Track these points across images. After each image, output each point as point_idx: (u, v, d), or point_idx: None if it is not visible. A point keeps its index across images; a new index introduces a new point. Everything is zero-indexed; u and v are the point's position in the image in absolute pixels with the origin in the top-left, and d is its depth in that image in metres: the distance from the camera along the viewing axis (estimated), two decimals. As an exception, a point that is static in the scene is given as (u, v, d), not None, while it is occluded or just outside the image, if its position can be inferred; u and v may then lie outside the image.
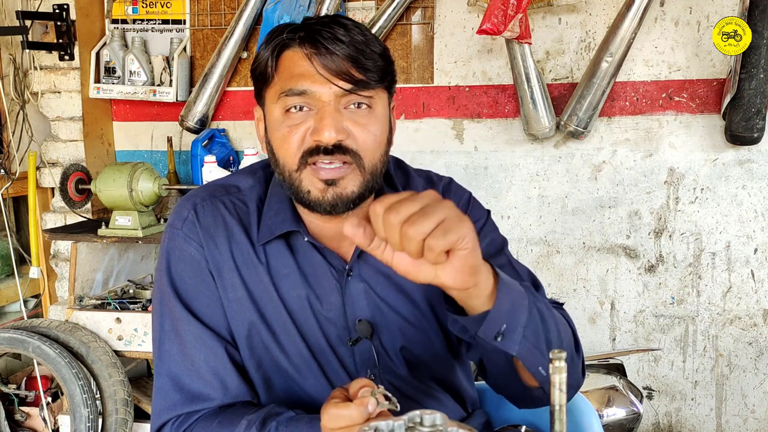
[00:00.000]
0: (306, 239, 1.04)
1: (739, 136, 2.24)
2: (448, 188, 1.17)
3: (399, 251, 0.75)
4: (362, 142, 0.97)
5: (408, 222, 0.72)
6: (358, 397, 0.82)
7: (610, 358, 2.37)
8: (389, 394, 0.82)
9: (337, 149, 0.95)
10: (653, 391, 2.52)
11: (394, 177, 1.13)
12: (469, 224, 0.76)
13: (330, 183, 0.96)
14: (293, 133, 0.96)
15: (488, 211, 1.18)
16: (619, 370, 2.32)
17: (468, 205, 1.15)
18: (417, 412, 0.64)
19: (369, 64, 0.96)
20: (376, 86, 0.98)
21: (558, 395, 0.64)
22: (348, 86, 0.95)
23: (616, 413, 2.15)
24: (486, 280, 0.82)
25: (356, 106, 0.97)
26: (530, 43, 2.27)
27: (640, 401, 2.19)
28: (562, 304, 1.10)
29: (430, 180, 1.17)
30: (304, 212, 1.05)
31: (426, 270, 0.77)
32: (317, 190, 0.97)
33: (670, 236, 2.44)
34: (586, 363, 2.42)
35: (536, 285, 1.10)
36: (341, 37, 0.95)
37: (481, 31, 2.15)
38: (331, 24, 0.96)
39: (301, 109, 0.97)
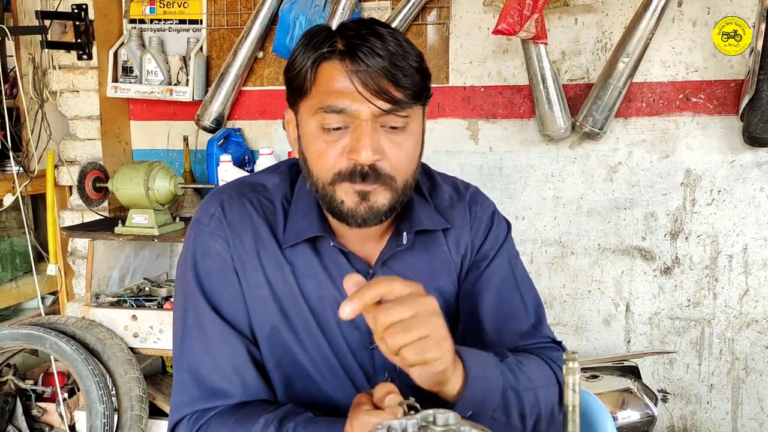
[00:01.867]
0: (332, 243, 1.04)
1: (757, 137, 2.21)
2: (474, 199, 1.16)
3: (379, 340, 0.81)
4: (396, 163, 0.97)
5: (391, 329, 0.78)
6: (384, 404, 0.83)
7: (624, 360, 2.35)
8: (417, 405, 0.83)
9: (372, 171, 0.95)
10: (668, 394, 2.50)
11: (420, 183, 1.12)
12: (448, 346, 0.83)
13: (363, 197, 0.96)
14: (330, 150, 0.96)
15: (509, 226, 1.18)
16: (633, 372, 2.31)
17: (492, 220, 1.15)
18: (430, 411, 0.64)
19: (406, 81, 0.94)
20: (414, 104, 0.97)
21: (571, 396, 0.64)
22: (387, 107, 0.94)
23: (631, 416, 2.14)
24: (454, 381, 0.88)
25: (393, 126, 0.96)
26: (546, 44, 2.27)
27: (655, 404, 2.18)
28: (560, 342, 1.12)
29: (457, 188, 1.17)
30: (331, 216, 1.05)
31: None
32: (352, 202, 0.97)
33: (686, 238, 2.42)
34: (600, 365, 2.39)
35: (539, 316, 1.12)
36: (379, 51, 0.93)
37: (496, 32, 2.15)
38: (369, 36, 0.94)
39: (338, 128, 0.96)
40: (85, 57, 2.65)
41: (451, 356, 0.84)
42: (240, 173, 2.42)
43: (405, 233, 1.05)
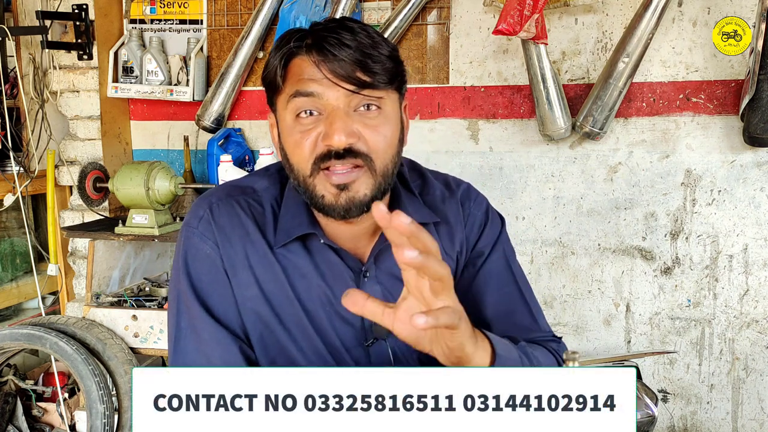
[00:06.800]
0: (322, 241, 1.04)
1: (757, 137, 2.21)
2: (467, 195, 1.17)
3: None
4: (373, 144, 0.97)
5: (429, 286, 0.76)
6: None
7: (625, 360, 2.35)
8: None
9: (348, 153, 0.95)
10: (668, 394, 2.50)
11: (409, 181, 1.13)
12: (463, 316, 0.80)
13: (342, 188, 0.97)
14: (305, 139, 0.97)
15: (503, 221, 1.19)
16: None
17: (486, 216, 1.16)
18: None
19: (377, 67, 0.96)
20: (385, 87, 0.98)
21: (571, 396, 0.64)
22: (355, 88, 0.95)
23: (631, 416, 2.14)
24: (480, 358, 0.86)
25: (366, 107, 0.97)
26: (546, 44, 2.27)
27: (655, 404, 2.18)
28: (560, 338, 1.13)
29: (448, 185, 1.17)
30: (320, 214, 1.05)
31: (423, 341, 0.82)
32: (330, 195, 0.98)
33: (686, 238, 2.42)
34: (600, 365, 2.39)
35: (537, 310, 1.13)
36: (347, 42, 0.95)
37: (496, 32, 2.15)
38: (338, 29, 0.96)
39: (311, 114, 0.97)
40: (85, 57, 2.65)
41: (468, 328, 0.82)
42: (240, 173, 2.42)
43: None
